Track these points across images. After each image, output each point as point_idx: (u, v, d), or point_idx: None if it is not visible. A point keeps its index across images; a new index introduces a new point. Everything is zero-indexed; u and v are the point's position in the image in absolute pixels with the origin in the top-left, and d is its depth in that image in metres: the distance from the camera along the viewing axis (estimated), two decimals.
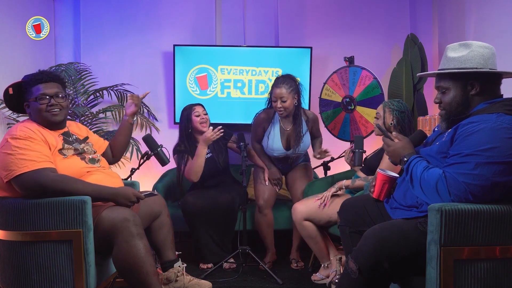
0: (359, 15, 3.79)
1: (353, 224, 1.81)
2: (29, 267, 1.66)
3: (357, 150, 2.44)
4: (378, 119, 2.48)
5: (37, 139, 1.74)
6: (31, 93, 1.82)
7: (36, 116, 1.84)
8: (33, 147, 1.71)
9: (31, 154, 1.69)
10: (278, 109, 2.70)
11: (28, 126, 1.78)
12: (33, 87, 1.82)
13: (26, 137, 1.72)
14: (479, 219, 1.37)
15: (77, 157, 1.87)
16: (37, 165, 1.67)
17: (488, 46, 1.52)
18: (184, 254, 2.41)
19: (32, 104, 1.83)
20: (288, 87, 2.67)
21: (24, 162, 1.66)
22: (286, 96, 2.66)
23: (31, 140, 1.72)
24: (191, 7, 3.74)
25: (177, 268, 2.15)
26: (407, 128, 2.42)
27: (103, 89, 3.38)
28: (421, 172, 1.47)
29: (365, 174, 2.49)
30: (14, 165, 1.66)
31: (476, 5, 2.88)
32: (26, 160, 1.67)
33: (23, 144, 1.70)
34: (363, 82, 3.31)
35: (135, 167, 2.56)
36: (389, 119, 2.43)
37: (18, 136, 1.71)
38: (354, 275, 1.45)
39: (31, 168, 1.66)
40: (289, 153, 2.85)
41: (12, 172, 1.66)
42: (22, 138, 1.71)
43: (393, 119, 2.41)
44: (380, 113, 2.48)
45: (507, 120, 1.39)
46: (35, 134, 1.75)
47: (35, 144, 1.72)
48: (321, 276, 2.51)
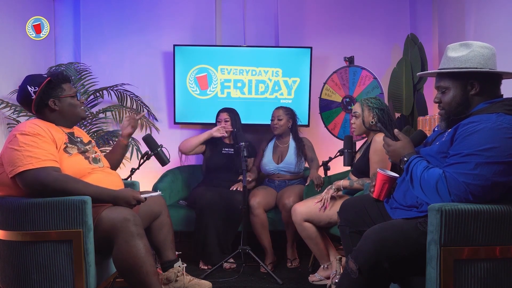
0: (359, 15, 3.78)
1: (353, 224, 1.81)
2: (29, 267, 1.66)
3: (346, 150, 2.44)
4: (358, 117, 2.41)
5: (46, 137, 1.75)
6: (62, 90, 1.87)
7: (69, 112, 1.89)
8: (40, 144, 1.71)
9: (37, 152, 1.69)
10: (274, 125, 3.13)
11: (38, 123, 1.79)
12: (64, 84, 1.88)
13: (34, 134, 1.72)
14: (479, 219, 1.37)
15: (81, 156, 1.88)
16: (41, 163, 1.68)
17: (489, 46, 1.52)
18: (184, 254, 2.41)
19: (68, 100, 1.88)
20: (285, 110, 3.14)
21: (29, 159, 1.67)
22: (282, 115, 3.11)
23: (39, 137, 1.72)
24: (191, 7, 3.74)
25: (177, 268, 2.15)
26: (388, 125, 2.35)
27: (103, 89, 3.38)
28: (421, 172, 1.47)
29: (356, 177, 2.45)
30: (19, 161, 1.67)
31: (476, 5, 2.88)
32: (32, 157, 1.67)
33: (31, 140, 1.70)
34: (363, 82, 3.31)
35: (135, 167, 2.56)
36: (369, 117, 2.37)
37: (26, 132, 1.72)
38: (354, 275, 1.45)
39: (35, 166, 1.66)
40: (280, 167, 3.11)
41: (16, 168, 1.67)
42: (30, 135, 1.72)
43: (373, 117, 2.36)
44: (358, 112, 2.41)
45: (507, 120, 1.39)
46: (44, 131, 1.76)
47: (43, 142, 1.72)
48: (320, 277, 2.50)
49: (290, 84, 3.60)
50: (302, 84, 3.60)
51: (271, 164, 3.13)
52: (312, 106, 3.61)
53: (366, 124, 2.38)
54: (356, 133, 2.48)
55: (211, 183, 3.09)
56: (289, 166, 3.09)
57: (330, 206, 2.39)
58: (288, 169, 3.10)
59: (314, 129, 3.71)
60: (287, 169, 3.10)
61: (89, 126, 3.36)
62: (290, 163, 3.09)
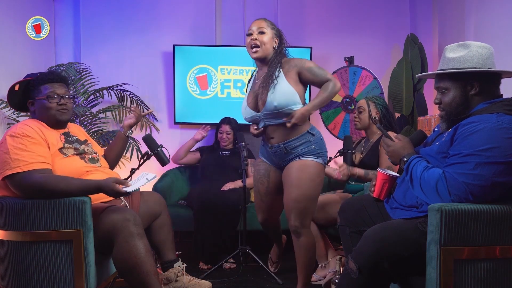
0: (359, 15, 3.79)
1: (353, 224, 1.81)
2: (29, 267, 1.66)
3: (348, 150, 2.46)
4: (362, 112, 2.54)
5: (35, 138, 1.73)
6: (39, 92, 1.84)
7: (43, 115, 1.85)
8: (29, 147, 1.70)
9: (25, 155, 1.68)
10: (251, 41, 2.09)
11: (30, 124, 1.78)
12: (42, 86, 1.84)
13: (23, 136, 1.71)
14: (479, 219, 1.37)
15: (77, 157, 1.87)
16: (29, 166, 1.66)
17: (487, 46, 1.51)
18: (184, 254, 2.41)
19: (40, 102, 1.84)
20: (270, 24, 2.14)
21: (17, 163, 1.66)
22: (265, 29, 2.10)
23: (28, 139, 1.71)
24: (191, 7, 3.74)
25: (177, 268, 2.15)
26: (392, 123, 2.52)
27: (103, 89, 3.38)
28: (421, 172, 1.47)
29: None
30: (7, 165, 1.66)
31: (476, 5, 2.88)
32: (19, 160, 1.66)
33: (19, 143, 1.69)
34: (363, 82, 3.31)
35: (135, 167, 2.55)
36: (374, 112, 2.52)
37: (16, 135, 1.71)
38: (354, 275, 1.45)
39: (23, 169, 1.65)
40: (259, 116, 2.11)
41: (4, 171, 1.66)
42: (19, 137, 1.71)
43: (377, 113, 2.51)
44: (364, 107, 2.54)
45: (507, 120, 1.39)
46: (35, 132, 1.75)
47: (31, 144, 1.71)
48: (318, 277, 2.50)
49: None
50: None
51: (247, 111, 2.17)
52: None
53: (371, 118, 2.50)
54: (358, 127, 2.59)
55: (207, 183, 3.10)
56: (270, 107, 2.05)
57: (330, 206, 2.39)
58: (274, 116, 2.08)
59: None
60: (271, 115, 2.08)
61: (89, 126, 3.35)
62: (272, 104, 2.04)
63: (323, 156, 2.16)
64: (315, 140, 2.13)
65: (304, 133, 2.11)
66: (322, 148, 2.16)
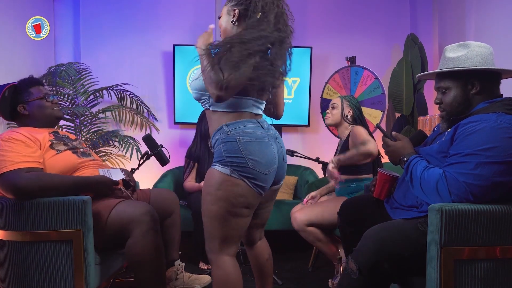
0: (359, 15, 3.79)
1: (353, 224, 1.81)
2: (29, 267, 1.66)
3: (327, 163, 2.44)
4: (335, 108, 2.57)
5: (22, 140, 1.74)
6: (30, 94, 1.89)
7: (39, 115, 1.89)
8: (15, 148, 1.71)
9: (11, 155, 1.68)
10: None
11: (17, 130, 1.80)
12: (31, 88, 1.90)
13: (9, 139, 1.72)
14: (479, 219, 1.36)
15: (70, 151, 1.88)
16: (15, 165, 1.66)
17: (486, 46, 1.51)
18: (184, 254, 2.41)
19: (36, 103, 1.88)
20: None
21: (3, 163, 1.66)
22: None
23: (14, 142, 1.72)
24: (191, 7, 3.74)
25: (177, 267, 2.16)
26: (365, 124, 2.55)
27: (103, 89, 3.38)
28: (421, 172, 1.47)
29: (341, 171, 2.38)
30: None
31: (476, 5, 2.88)
32: (6, 161, 1.67)
33: (6, 145, 1.71)
34: (365, 82, 3.31)
35: (135, 167, 2.56)
36: (347, 110, 2.55)
37: (3, 138, 1.73)
38: (354, 275, 1.45)
39: (9, 168, 1.65)
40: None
41: None
42: (5, 140, 1.72)
43: (350, 111, 2.55)
44: (337, 103, 2.58)
45: (507, 119, 1.39)
46: (23, 136, 1.75)
47: (18, 146, 1.72)
48: None
49: (290, 84, 3.60)
50: (302, 84, 3.60)
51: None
52: (312, 106, 3.61)
53: (343, 116, 2.56)
54: (329, 122, 2.64)
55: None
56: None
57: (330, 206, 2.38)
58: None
59: (314, 129, 3.71)
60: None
61: (89, 126, 3.35)
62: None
63: (234, 164, 1.44)
64: (227, 139, 1.46)
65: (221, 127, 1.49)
66: (236, 152, 1.44)
